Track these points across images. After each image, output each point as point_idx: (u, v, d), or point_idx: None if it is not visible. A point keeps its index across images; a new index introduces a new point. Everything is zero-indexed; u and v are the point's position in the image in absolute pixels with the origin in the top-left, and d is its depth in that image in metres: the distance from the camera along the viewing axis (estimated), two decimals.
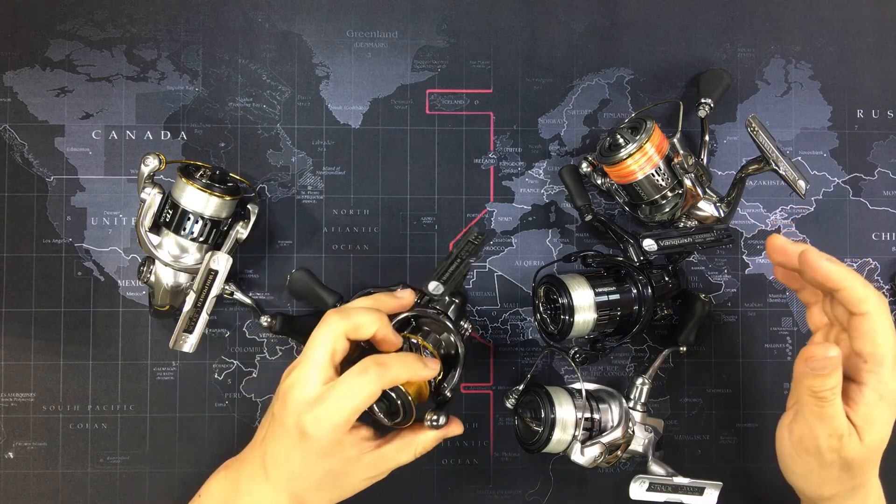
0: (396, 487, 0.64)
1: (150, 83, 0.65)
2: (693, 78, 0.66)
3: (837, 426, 0.48)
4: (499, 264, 0.66)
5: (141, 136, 0.64)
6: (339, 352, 0.50)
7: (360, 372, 0.48)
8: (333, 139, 0.65)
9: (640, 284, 0.58)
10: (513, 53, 0.66)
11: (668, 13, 0.67)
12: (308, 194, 0.65)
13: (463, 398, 0.65)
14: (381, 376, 0.48)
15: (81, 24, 0.64)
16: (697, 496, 0.56)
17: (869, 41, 0.67)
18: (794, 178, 0.56)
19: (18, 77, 0.64)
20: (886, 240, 0.67)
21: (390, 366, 0.49)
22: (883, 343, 0.47)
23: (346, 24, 0.66)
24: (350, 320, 0.50)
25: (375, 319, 0.51)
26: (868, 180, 0.67)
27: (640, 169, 0.58)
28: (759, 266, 0.67)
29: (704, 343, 0.66)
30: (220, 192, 0.58)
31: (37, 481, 0.63)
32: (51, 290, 0.63)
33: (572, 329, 0.58)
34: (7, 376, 0.63)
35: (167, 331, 0.63)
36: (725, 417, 0.66)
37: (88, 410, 0.63)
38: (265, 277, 0.65)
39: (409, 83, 0.66)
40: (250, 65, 0.65)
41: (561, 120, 0.66)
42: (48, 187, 0.64)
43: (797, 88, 0.67)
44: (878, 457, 0.50)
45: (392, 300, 0.55)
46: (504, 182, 0.66)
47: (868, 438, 0.48)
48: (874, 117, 0.67)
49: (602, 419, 0.58)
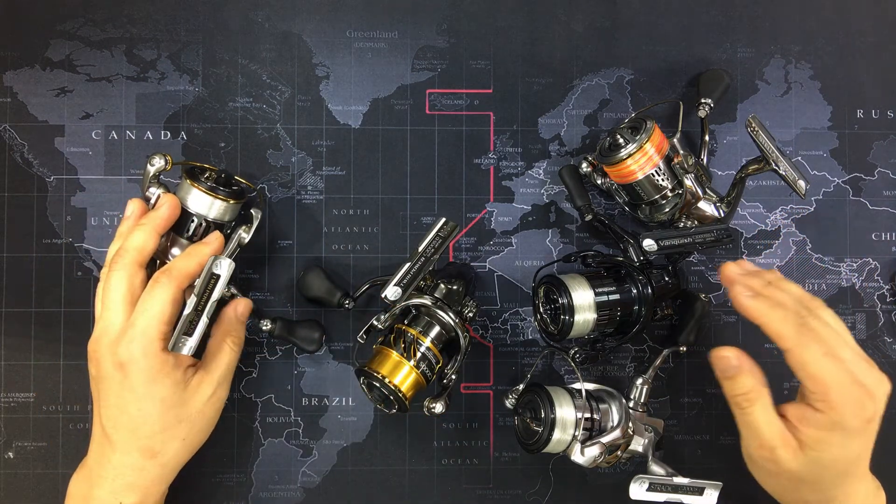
0: (396, 487, 0.64)
1: (150, 83, 0.65)
2: (693, 78, 0.66)
3: (765, 438, 0.48)
4: (499, 264, 0.66)
5: (141, 136, 0.64)
6: (137, 286, 0.51)
7: (150, 286, 0.50)
8: (333, 139, 0.65)
9: (640, 284, 0.58)
10: (513, 53, 0.66)
11: (668, 13, 0.67)
12: (308, 194, 0.65)
13: (463, 398, 0.65)
14: (170, 279, 0.50)
15: (81, 24, 0.64)
16: (697, 496, 0.56)
17: (869, 41, 0.67)
18: (794, 178, 0.56)
19: (18, 77, 0.64)
20: (886, 240, 0.67)
21: (174, 266, 0.52)
22: (817, 373, 0.46)
23: (346, 24, 0.66)
24: (129, 254, 0.51)
25: (149, 233, 0.52)
26: (868, 180, 0.67)
27: (640, 169, 0.58)
28: (759, 266, 0.66)
29: (704, 343, 0.66)
30: (224, 195, 0.58)
31: (37, 481, 0.63)
32: (51, 290, 0.63)
33: (572, 329, 0.58)
34: (7, 376, 0.63)
35: None
36: (725, 417, 0.66)
37: (88, 410, 0.63)
38: (265, 278, 0.65)
39: (409, 83, 0.66)
40: (250, 65, 0.65)
41: (561, 120, 0.66)
42: (48, 187, 0.64)
43: (797, 88, 0.67)
44: (835, 476, 0.49)
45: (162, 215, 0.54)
46: (504, 182, 0.66)
47: (814, 455, 0.47)
48: (874, 117, 0.67)
49: (602, 419, 0.58)
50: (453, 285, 0.59)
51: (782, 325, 0.48)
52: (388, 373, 0.55)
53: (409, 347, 0.57)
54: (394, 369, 0.56)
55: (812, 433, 0.47)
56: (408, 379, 0.56)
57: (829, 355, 0.46)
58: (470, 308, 0.60)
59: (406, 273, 0.55)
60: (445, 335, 0.58)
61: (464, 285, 0.60)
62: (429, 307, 0.58)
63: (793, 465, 0.48)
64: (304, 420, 0.64)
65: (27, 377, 0.63)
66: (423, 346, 0.57)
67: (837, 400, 0.46)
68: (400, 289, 0.55)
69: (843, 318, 0.66)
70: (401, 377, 0.56)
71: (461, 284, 0.60)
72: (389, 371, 0.56)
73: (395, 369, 0.56)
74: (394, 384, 0.55)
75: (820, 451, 0.47)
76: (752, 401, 0.48)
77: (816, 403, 0.47)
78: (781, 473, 0.49)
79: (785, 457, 0.48)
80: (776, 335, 0.48)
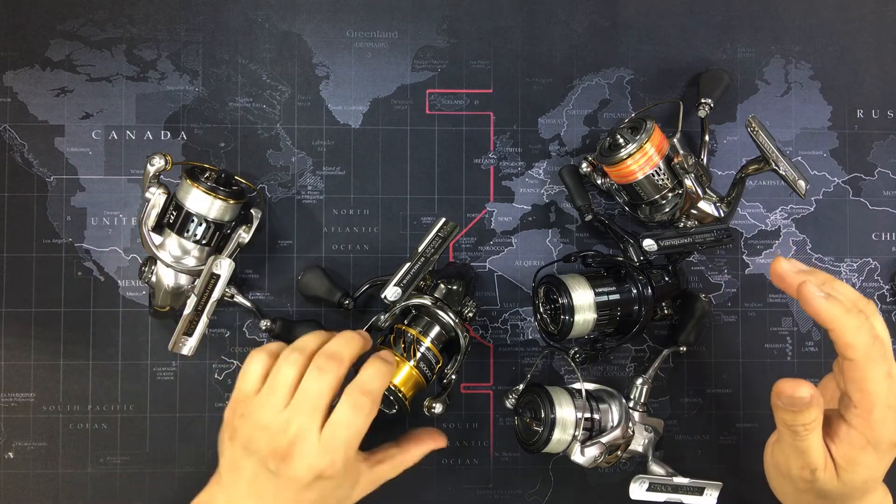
0: (396, 487, 0.64)
1: (150, 83, 0.65)
2: (693, 78, 0.66)
3: (812, 460, 0.46)
4: (499, 264, 0.66)
5: (141, 136, 0.64)
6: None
7: (351, 406, 0.50)
8: (333, 139, 0.65)
9: (640, 284, 0.58)
10: (513, 53, 0.66)
11: (668, 13, 0.67)
12: (308, 194, 0.65)
13: (463, 398, 0.65)
14: (372, 401, 0.50)
15: (81, 24, 0.64)
16: (697, 496, 0.56)
17: (869, 41, 0.67)
18: (794, 178, 0.56)
19: (18, 77, 0.64)
20: (886, 240, 0.67)
21: (370, 387, 0.51)
22: (872, 391, 0.45)
23: (346, 24, 0.66)
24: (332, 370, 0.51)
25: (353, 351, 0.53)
26: (868, 180, 0.67)
27: (640, 169, 0.58)
28: (759, 266, 0.67)
29: (704, 343, 0.66)
30: (224, 195, 0.58)
31: (37, 481, 0.63)
32: (51, 290, 0.63)
33: (572, 329, 0.58)
34: (7, 376, 0.63)
35: (167, 331, 0.63)
36: (725, 417, 0.66)
37: (88, 410, 0.63)
38: (265, 278, 0.65)
39: (409, 83, 0.66)
40: (250, 65, 0.65)
41: (561, 120, 0.66)
42: (48, 187, 0.64)
43: (797, 88, 0.67)
44: (860, 494, 0.48)
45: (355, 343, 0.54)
46: (504, 182, 0.66)
47: (847, 477, 0.47)
48: (874, 117, 0.67)
49: (602, 419, 0.58)
50: (453, 285, 0.59)
51: (856, 335, 0.45)
52: None
53: (409, 347, 0.57)
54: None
55: (845, 453, 0.46)
56: (408, 380, 0.56)
57: (891, 376, 0.45)
58: (470, 308, 0.60)
59: (406, 273, 0.55)
60: (445, 335, 0.58)
61: (464, 285, 0.60)
62: (428, 307, 0.58)
63: (828, 486, 0.47)
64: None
65: (27, 377, 0.63)
66: (423, 347, 0.57)
67: (878, 419, 0.45)
68: (400, 289, 0.55)
69: None
70: (401, 377, 0.56)
71: (461, 285, 0.60)
72: None
73: (395, 369, 0.56)
74: (394, 384, 0.55)
75: (853, 473, 0.46)
76: (811, 430, 0.46)
77: (854, 419, 0.46)
78: (812, 491, 0.48)
79: (823, 478, 0.47)
80: (847, 345, 0.45)
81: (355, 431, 0.50)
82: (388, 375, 0.52)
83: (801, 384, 0.45)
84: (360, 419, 0.50)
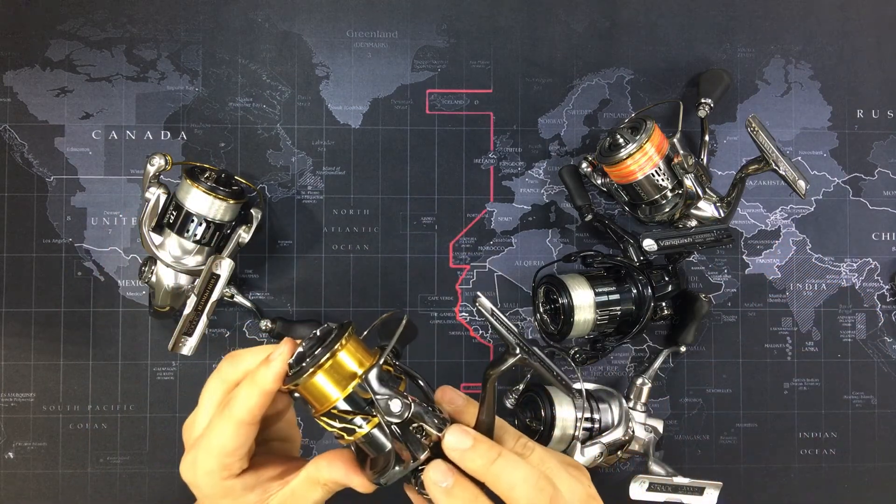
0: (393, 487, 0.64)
1: (150, 83, 0.65)
2: (693, 78, 0.66)
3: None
4: (499, 264, 0.66)
5: (141, 136, 0.64)
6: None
7: (219, 412, 0.40)
8: (333, 139, 0.65)
9: (640, 284, 0.58)
10: (513, 53, 0.66)
11: (668, 13, 0.67)
12: (308, 194, 0.65)
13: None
14: (235, 408, 0.39)
15: (81, 24, 0.64)
16: (697, 496, 0.56)
17: (869, 41, 0.67)
18: (794, 178, 0.56)
19: (18, 77, 0.64)
20: (886, 240, 0.67)
21: (237, 396, 0.39)
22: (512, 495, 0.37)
23: (346, 24, 0.66)
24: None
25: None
26: (868, 180, 0.67)
27: (640, 169, 0.58)
28: (759, 266, 0.67)
29: (704, 343, 0.66)
30: (224, 195, 0.58)
31: (37, 481, 0.63)
32: (51, 290, 0.63)
33: (572, 329, 0.58)
34: (7, 376, 0.63)
35: (167, 331, 0.63)
36: (725, 417, 0.66)
37: (88, 410, 0.63)
38: (265, 278, 0.65)
39: (409, 83, 0.66)
40: (250, 65, 0.65)
41: (561, 120, 0.66)
42: (48, 187, 0.64)
43: (797, 88, 0.67)
44: None
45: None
46: (504, 182, 0.66)
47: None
48: (874, 117, 0.67)
49: (602, 419, 0.58)
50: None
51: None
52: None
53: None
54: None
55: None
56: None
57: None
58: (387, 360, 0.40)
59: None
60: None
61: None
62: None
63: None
64: (305, 419, 0.64)
65: (27, 377, 0.63)
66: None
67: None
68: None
69: (843, 318, 0.66)
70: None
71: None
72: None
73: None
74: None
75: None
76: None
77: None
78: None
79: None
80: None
81: (218, 438, 0.39)
82: (262, 381, 0.39)
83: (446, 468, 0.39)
84: (222, 427, 0.39)
